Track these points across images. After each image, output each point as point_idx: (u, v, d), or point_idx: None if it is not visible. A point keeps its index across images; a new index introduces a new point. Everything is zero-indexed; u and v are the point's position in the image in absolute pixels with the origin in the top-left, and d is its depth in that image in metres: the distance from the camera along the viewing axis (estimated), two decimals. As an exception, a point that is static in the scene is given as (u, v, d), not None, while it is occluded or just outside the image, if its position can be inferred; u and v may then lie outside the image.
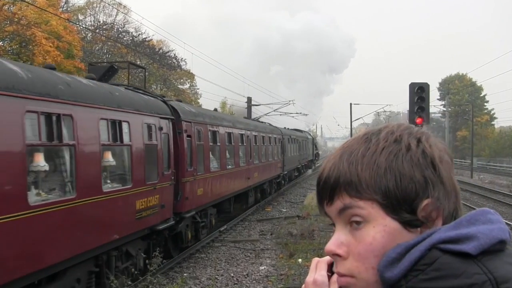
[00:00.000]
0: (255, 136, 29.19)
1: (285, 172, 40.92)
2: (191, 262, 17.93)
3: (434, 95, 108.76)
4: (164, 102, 16.67)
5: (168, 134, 15.85)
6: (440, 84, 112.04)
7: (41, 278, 9.58)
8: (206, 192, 19.47)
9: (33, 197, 9.23)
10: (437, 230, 1.32)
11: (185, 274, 16.29)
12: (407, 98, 17.85)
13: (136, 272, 13.45)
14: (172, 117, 16.39)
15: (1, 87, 8.40)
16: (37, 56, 32.24)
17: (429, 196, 1.35)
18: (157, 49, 58.31)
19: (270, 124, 39.77)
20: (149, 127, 14.38)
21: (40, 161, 9.41)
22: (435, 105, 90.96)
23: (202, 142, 19.18)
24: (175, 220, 16.51)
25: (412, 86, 17.78)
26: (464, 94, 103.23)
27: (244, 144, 26.43)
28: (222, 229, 22.79)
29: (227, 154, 23.23)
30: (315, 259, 1.63)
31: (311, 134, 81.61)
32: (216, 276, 16.03)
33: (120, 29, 55.46)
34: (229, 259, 18.37)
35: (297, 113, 67.11)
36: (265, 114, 74.99)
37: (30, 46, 33.61)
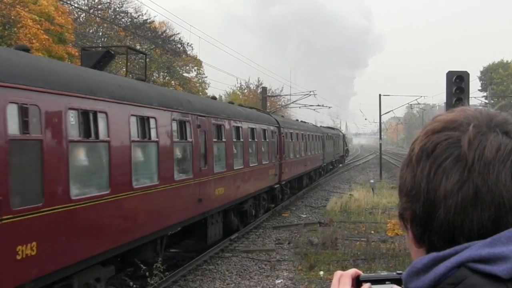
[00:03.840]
0: (308, 135, 45.07)
1: (325, 164, 56.66)
2: (197, 274, 17.96)
3: (474, 85, 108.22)
4: (271, 115, 33.75)
5: (277, 135, 31.91)
6: (481, 73, 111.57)
7: (241, 201, 24.29)
8: (288, 171, 34.95)
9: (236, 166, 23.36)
10: (471, 245, 1.30)
11: (190, 288, 16.33)
12: (444, 89, 17.77)
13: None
14: (278, 125, 32.37)
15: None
16: (22, 40, 32.30)
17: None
18: (159, 32, 58.43)
19: (313, 124, 58.42)
20: (271, 131, 30.40)
21: (237, 149, 24.08)
22: (476, 97, 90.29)
23: (287, 139, 35.05)
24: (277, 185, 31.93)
25: (450, 75, 17.66)
26: (509, 84, 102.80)
27: (303, 140, 42.01)
28: (233, 237, 22.83)
29: (297, 147, 38.71)
30: (338, 273, 1.63)
31: (342, 131, 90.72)
32: (226, 291, 16.06)
33: (117, 9, 55.63)
34: (240, 271, 18.40)
35: (318, 105, 66.99)
36: (282, 107, 74.82)
37: (15, 29, 33.67)
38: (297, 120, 51.30)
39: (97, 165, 12.70)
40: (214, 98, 26.58)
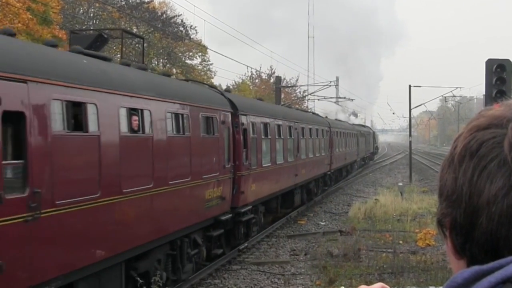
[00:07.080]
0: (347, 133, 57.86)
1: (358, 159, 70.31)
2: (201, 289, 17.98)
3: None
4: (321, 117, 48.94)
5: (329, 133, 45.50)
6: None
7: (309, 181, 38.09)
8: (335, 162, 48.25)
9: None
10: None
11: (193, 305, 16.39)
12: (483, 80, 17.70)
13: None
14: (329, 126, 46.44)
15: None
16: (3, 21, 32.24)
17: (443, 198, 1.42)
18: (159, 14, 58.37)
19: (347, 123, 68.70)
20: (326, 131, 44.48)
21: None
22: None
23: (335, 137, 48.25)
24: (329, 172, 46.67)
25: (490, 63, 17.58)
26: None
27: (344, 138, 54.61)
28: (241, 247, 22.81)
29: (340, 143, 52.23)
30: (362, 287, 1.63)
31: (372, 129, 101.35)
32: (234, 308, 16.10)
33: (111, -13, 55.59)
34: (250, 286, 18.41)
35: (340, 97, 67.01)
36: (298, 99, 74.73)
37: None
38: (336, 119, 61.48)
39: (268, 149, 26.83)
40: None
